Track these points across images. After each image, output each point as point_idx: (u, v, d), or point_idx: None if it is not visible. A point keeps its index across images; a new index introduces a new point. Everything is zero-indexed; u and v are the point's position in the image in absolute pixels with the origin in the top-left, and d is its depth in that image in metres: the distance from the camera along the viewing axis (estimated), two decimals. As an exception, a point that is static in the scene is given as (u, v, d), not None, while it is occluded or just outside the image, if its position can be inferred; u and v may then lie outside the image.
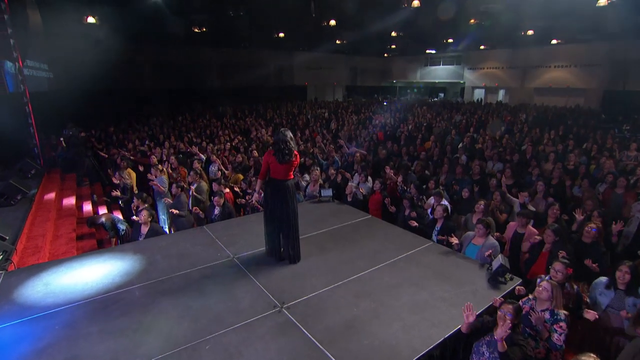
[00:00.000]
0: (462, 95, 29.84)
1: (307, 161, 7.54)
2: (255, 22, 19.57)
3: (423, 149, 9.47)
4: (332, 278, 3.81)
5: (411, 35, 22.55)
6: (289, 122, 14.27)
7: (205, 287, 3.67)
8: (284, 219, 4.03)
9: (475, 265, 4.08)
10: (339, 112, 17.63)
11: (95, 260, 4.17)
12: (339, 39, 25.03)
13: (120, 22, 16.79)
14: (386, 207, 5.69)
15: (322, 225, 5.13)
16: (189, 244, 4.61)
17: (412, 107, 20.52)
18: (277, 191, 3.99)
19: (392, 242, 4.63)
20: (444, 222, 4.78)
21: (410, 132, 11.99)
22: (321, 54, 28.95)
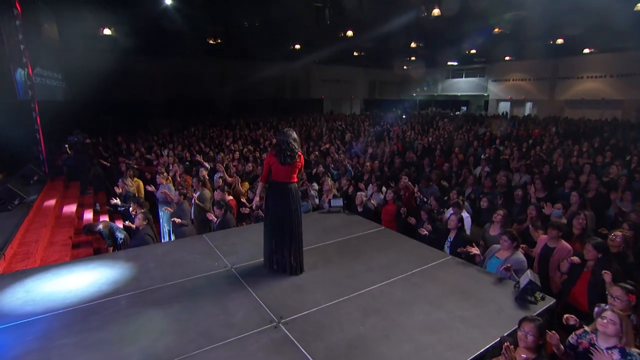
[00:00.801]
0: (486, 109, 29.37)
1: (319, 170, 7.38)
2: (271, 33, 20.02)
3: (443, 161, 9.18)
4: (337, 292, 3.55)
5: (432, 46, 22.49)
6: (303, 133, 14.23)
7: (197, 298, 3.47)
8: (286, 225, 3.83)
9: (499, 282, 3.75)
10: (355, 125, 17.52)
11: (84, 267, 4.05)
12: (356, 50, 25.29)
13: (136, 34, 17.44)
14: (401, 218, 5.43)
15: (330, 236, 4.91)
16: (185, 253, 4.46)
17: (432, 120, 20.23)
18: (279, 195, 3.81)
19: (405, 255, 4.35)
20: (458, 233, 4.48)
21: (429, 144, 11.72)
22: (338, 67, 29.23)
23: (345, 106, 31.66)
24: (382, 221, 5.75)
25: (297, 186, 3.89)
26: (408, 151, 9.78)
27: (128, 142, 11.15)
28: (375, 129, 15.16)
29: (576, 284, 3.83)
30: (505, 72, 27.76)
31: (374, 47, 23.61)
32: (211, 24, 18.09)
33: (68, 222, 6.24)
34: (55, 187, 7.79)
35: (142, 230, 4.95)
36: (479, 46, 22.09)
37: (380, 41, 20.74)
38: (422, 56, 26.36)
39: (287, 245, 3.86)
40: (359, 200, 5.85)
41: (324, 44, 22.06)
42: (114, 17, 14.98)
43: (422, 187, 6.50)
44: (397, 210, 5.59)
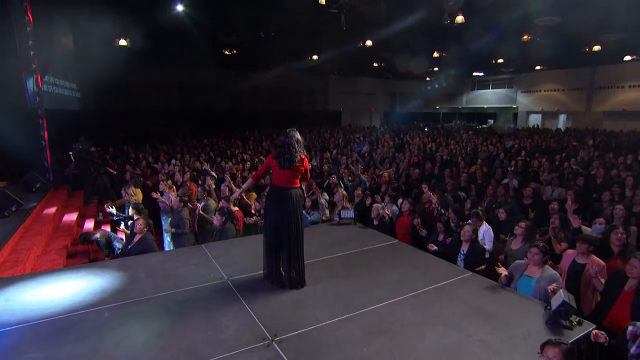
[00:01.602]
0: (515, 122, 28.65)
1: (332, 180, 7.21)
2: (288, 44, 20.29)
3: (466, 172, 8.87)
4: (340, 309, 3.32)
5: (455, 55, 22.25)
6: (319, 145, 14.17)
7: (186, 311, 3.31)
8: (284, 234, 3.64)
9: (527, 302, 3.42)
10: (373, 137, 17.37)
11: (72, 276, 3.96)
12: (376, 61, 25.31)
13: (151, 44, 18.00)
14: (415, 230, 5.17)
15: (338, 249, 4.71)
16: (180, 263, 4.34)
17: (455, 133, 19.86)
18: (278, 200, 3.64)
19: (420, 270, 4.08)
20: (471, 245, 4.19)
21: (451, 155, 11.41)
22: (357, 78, 29.29)
23: (365, 119, 31.55)
24: (397, 234, 5.53)
25: (299, 192, 3.71)
26: (427, 162, 9.49)
27: (136, 151, 11.30)
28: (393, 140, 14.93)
29: (615, 305, 3.45)
30: (536, 83, 27.13)
31: (394, 58, 23.56)
32: (227, 35, 18.51)
33: (66, 231, 6.24)
34: (59, 196, 7.88)
35: (146, 236, 4.85)
36: (506, 55, 21.65)
37: (401, 51, 20.71)
38: (445, 66, 26.07)
39: (286, 256, 3.67)
40: (375, 213, 5.62)
41: (343, 54, 22.17)
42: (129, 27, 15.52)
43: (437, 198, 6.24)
44: (413, 223, 5.32)
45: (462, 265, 4.32)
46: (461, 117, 33.57)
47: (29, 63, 7.68)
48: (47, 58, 8.88)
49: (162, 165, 9.00)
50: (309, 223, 5.56)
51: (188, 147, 13.15)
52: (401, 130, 22.00)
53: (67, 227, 6.42)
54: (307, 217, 5.55)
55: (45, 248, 5.39)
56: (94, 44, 14.64)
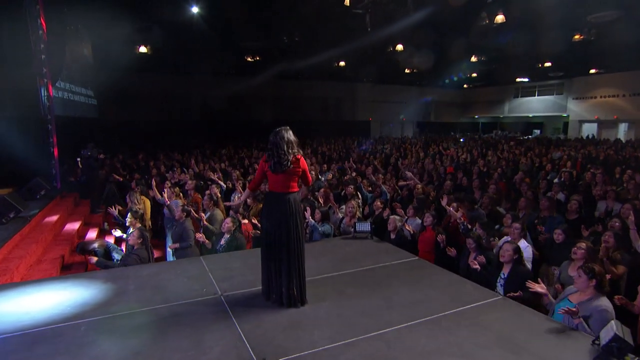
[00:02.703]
0: (566, 131, 27.44)
1: (348, 191, 7.01)
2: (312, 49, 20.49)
3: (504, 185, 8.45)
4: (342, 332, 3.08)
5: (496, 60, 21.66)
6: (341, 156, 14.02)
7: (170, 328, 3.18)
8: (282, 244, 3.46)
9: (570, 334, 3.05)
10: (402, 148, 17.05)
11: (56, 287, 3.94)
12: (408, 67, 25.09)
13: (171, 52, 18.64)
14: (439, 248, 4.86)
15: (349, 264, 4.49)
16: (174, 275, 4.27)
17: (495, 144, 19.20)
18: (273, 207, 3.48)
19: (441, 291, 3.78)
20: (514, 267, 3.83)
21: (488, 167, 10.94)
22: (388, 86, 29.14)
23: (396, 129, 31.23)
24: (419, 252, 5.23)
25: (297, 197, 3.53)
26: (459, 173, 9.13)
27: (148, 160, 11.54)
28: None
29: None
30: (590, 88, 25.90)
31: (427, 63, 23.25)
32: (249, 41, 18.88)
33: (66, 240, 6.33)
34: (64, 204, 8.07)
35: (134, 250, 4.81)
36: (555, 58, 20.76)
37: (435, 56, 20.40)
38: (484, 72, 25.46)
39: (283, 270, 3.49)
40: (392, 226, 5.36)
41: (372, 60, 22.15)
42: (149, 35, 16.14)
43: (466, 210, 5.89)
44: (437, 239, 5.01)
45: (501, 290, 3.95)
46: (503, 127, 32.59)
47: (40, 68, 8.01)
48: (60, 63, 9.27)
49: (173, 174, 9.07)
50: (319, 236, 5.36)
51: (203, 156, 13.31)
52: (434, 140, 21.51)
53: (68, 236, 6.51)
54: (318, 229, 5.35)
55: (40, 257, 5.45)
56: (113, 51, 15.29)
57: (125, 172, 10.46)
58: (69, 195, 8.79)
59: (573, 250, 4.10)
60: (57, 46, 9.03)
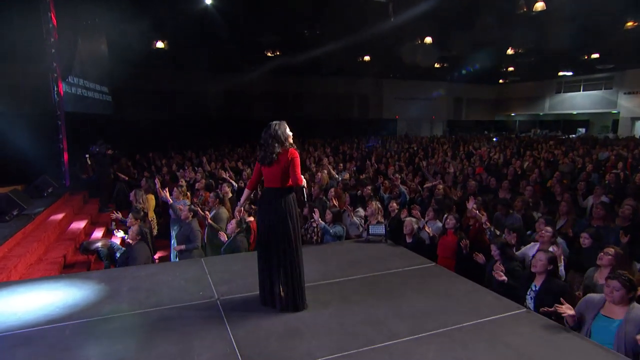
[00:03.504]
0: (615, 130, 26.23)
1: (366, 192, 6.86)
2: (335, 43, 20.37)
3: (539, 188, 8.10)
4: (343, 342, 2.96)
5: (535, 52, 20.92)
6: (363, 155, 13.86)
7: (159, 333, 3.14)
8: (272, 244, 3.39)
9: (604, 355, 2.81)
10: (430, 147, 16.71)
11: (48, 286, 3.98)
12: (438, 62, 24.63)
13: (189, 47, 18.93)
14: (462, 254, 4.65)
15: (359, 269, 4.36)
16: (171, 277, 4.25)
17: (533, 143, 18.57)
18: (265, 204, 3.45)
19: (457, 301, 3.59)
20: (547, 279, 3.58)
21: (524, 168, 10.55)
22: (416, 82, 28.71)
23: (425, 128, 30.74)
24: (438, 257, 5.04)
25: (291, 192, 3.42)
26: (488, 174, 8.82)
27: (160, 158, 11.70)
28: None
29: None
30: (645, 81, 24.65)
31: (459, 57, 22.74)
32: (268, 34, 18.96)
33: (70, 239, 6.43)
34: (72, 202, 8.25)
35: (135, 246, 4.82)
36: (604, 48, 19.75)
37: (468, 49, 19.90)
38: (522, 65, 24.65)
39: (275, 272, 3.39)
40: (409, 229, 5.17)
41: (398, 54, 21.82)
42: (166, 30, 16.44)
43: (498, 216, 5.64)
44: (459, 243, 4.80)
45: (532, 305, 3.71)
46: (542, 125, 31.54)
47: (50, 62, 8.22)
48: (71, 58, 9.50)
49: (184, 172, 9.15)
50: (331, 238, 5.24)
51: (218, 154, 13.42)
52: (464, 139, 21.01)
53: (72, 235, 6.62)
54: (329, 231, 5.23)
55: (42, 256, 5.54)
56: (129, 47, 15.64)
57: (136, 170, 10.63)
58: (78, 193, 8.98)
59: (599, 255, 3.84)
60: (68, 40, 9.27)
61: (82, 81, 11.85)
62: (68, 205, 7.86)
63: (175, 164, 10.81)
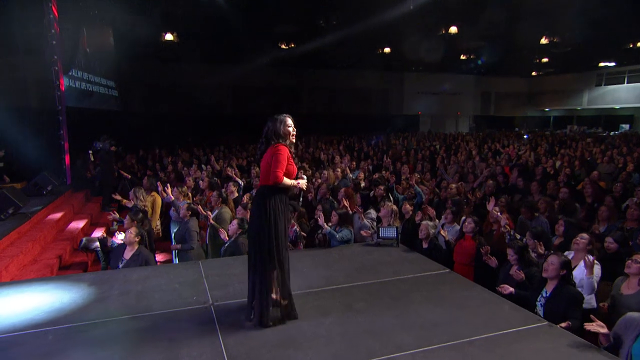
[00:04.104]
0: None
1: (378, 192, 6.74)
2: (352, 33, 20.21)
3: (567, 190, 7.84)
4: (343, 354, 2.90)
5: (573, 40, 20.27)
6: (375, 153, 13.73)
7: (146, 340, 3.13)
8: (252, 249, 3.39)
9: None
10: (454, 145, 16.43)
11: (37, 289, 4.02)
12: (464, 53, 24.21)
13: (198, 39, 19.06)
14: (481, 260, 4.51)
15: (365, 275, 4.28)
16: (165, 281, 4.26)
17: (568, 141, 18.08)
18: (254, 204, 3.50)
19: (471, 312, 3.48)
20: (560, 285, 3.44)
21: (556, 168, 10.26)
22: (440, 75, 28.34)
23: (450, 124, 30.33)
24: (455, 263, 4.91)
25: (276, 192, 3.30)
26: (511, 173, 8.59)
27: (167, 156, 11.81)
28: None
29: None
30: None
31: (487, 48, 22.31)
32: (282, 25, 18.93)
33: (67, 239, 6.51)
34: (73, 200, 8.37)
35: (141, 250, 4.82)
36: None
37: (497, 38, 19.47)
38: (557, 56, 23.96)
39: (250, 279, 3.39)
40: (424, 233, 5.03)
41: (421, 45, 21.53)
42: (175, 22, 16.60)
43: (522, 219, 5.48)
44: (478, 249, 4.65)
45: (541, 312, 3.58)
46: (580, 121, 30.69)
47: (50, 54, 8.36)
48: (74, 50, 9.66)
49: (189, 170, 9.19)
50: (336, 242, 5.15)
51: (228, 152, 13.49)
52: (492, 136, 20.62)
53: (70, 235, 6.70)
54: (335, 235, 5.14)
55: (37, 257, 5.60)
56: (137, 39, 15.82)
57: (141, 167, 10.74)
58: (80, 191, 9.11)
59: (627, 263, 3.66)
60: (70, 32, 9.42)
61: (87, 75, 12.05)
62: (68, 204, 7.97)
63: (181, 161, 10.87)
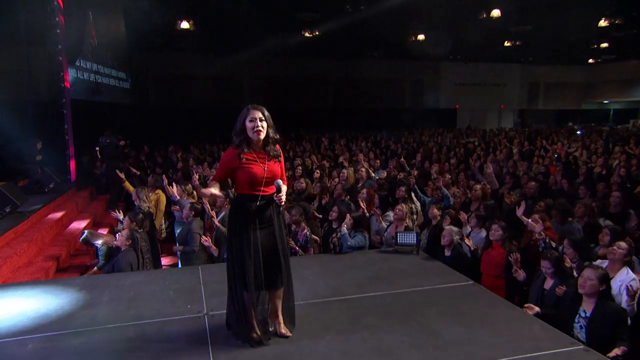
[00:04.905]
0: None
1: (399, 194, 6.61)
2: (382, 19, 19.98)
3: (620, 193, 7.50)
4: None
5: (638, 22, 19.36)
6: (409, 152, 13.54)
7: (131, 352, 3.14)
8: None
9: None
10: (492, 142, 16.06)
11: (23, 293, 4.10)
12: (508, 39, 23.61)
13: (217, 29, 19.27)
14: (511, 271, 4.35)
15: (378, 286, 4.19)
16: (159, 287, 4.29)
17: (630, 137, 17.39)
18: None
19: (494, 330, 3.33)
20: (600, 303, 3.26)
21: (607, 167, 9.88)
22: (480, 65, 27.84)
23: (491, 119, 29.74)
24: (482, 276, 4.79)
25: (236, 197, 3.31)
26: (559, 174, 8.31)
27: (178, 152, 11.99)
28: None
29: None
30: None
31: (536, 33, 21.64)
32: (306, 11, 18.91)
33: (67, 240, 6.64)
34: (77, 199, 8.57)
35: (122, 253, 4.89)
36: None
37: (547, 21, 18.87)
38: (619, 40, 22.93)
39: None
40: (448, 239, 4.91)
41: (459, 31, 21.14)
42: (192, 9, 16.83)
43: (554, 224, 5.27)
44: (507, 258, 4.49)
45: (583, 335, 3.40)
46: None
47: (54, 44, 8.58)
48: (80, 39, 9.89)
49: (200, 168, 9.29)
50: (347, 248, 5.08)
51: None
52: (540, 132, 20.07)
53: (70, 236, 6.84)
54: (347, 240, 5.06)
55: (33, 259, 5.74)
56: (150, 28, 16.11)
57: (150, 164, 10.92)
58: (85, 189, 9.34)
59: None
60: (77, 20, 9.65)
61: (96, 66, 12.35)
62: (71, 203, 8.17)
63: (193, 158, 11.00)
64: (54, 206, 7.58)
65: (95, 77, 12.29)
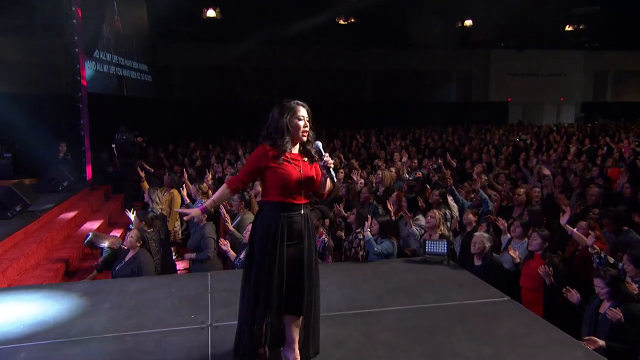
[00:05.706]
0: None
1: (433, 198, 6.49)
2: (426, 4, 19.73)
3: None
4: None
5: None
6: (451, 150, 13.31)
7: (125, 364, 3.16)
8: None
9: None
10: (547, 139, 15.56)
11: (24, 297, 4.23)
12: (570, 23, 22.87)
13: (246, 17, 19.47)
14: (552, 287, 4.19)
15: (398, 299, 4.16)
16: (165, 294, 4.36)
17: None
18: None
19: (526, 354, 3.23)
20: None
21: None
22: (537, 53, 27.04)
23: (549, 113, 28.86)
24: (522, 290, 4.66)
25: (264, 206, 3.16)
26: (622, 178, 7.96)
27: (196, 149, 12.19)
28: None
29: None
30: None
31: (603, 14, 20.84)
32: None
33: (78, 242, 6.82)
34: (92, 198, 8.84)
35: (139, 255, 4.98)
36: None
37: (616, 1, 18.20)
38: None
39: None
40: (478, 247, 4.77)
41: (511, 16, 20.62)
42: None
43: (605, 234, 5.03)
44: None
45: None
46: None
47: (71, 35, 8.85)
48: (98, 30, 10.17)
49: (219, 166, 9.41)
50: (374, 256, 5.01)
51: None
52: (606, 128, 19.30)
53: (82, 238, 6.99)
54: (373, 247, 4.99)
55: (41, 261, 5.93)
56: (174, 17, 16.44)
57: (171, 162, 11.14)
58: (100, 188, 9.61)
59: None
60: (95, 9, 9.92)
61: (116, 58, 12.70)
62: (85, 202, 8.42)
63: (215, 156, 11.14)
64: (66, 205, 7.83)
65: (116, 70, 12.64)
